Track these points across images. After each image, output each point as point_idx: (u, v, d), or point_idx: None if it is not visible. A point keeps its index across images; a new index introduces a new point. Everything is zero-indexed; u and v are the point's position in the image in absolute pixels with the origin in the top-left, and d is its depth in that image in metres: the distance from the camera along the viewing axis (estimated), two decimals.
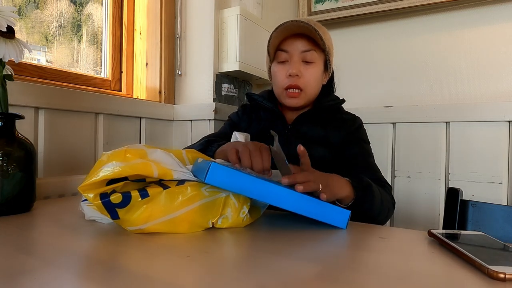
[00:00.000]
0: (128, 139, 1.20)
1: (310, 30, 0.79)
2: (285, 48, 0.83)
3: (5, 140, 0.62)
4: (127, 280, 0.34)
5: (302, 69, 0.82)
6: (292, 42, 0.82)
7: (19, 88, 0.85)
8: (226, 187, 0.50)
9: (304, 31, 0.81)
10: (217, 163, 0.50)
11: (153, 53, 1.36)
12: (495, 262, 0.38)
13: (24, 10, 1.07)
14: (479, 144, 1.14)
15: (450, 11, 1.23)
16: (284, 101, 0.86)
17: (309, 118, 0.87)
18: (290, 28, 0.80)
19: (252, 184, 0.51)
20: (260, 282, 0.34)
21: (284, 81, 0.83)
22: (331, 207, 0.57)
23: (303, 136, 0.86)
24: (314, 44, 0.82)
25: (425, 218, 1.21)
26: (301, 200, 0.54)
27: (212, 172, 0.49)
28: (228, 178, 0.50)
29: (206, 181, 0.48)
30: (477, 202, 0.79)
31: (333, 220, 0.56)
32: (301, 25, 0.78)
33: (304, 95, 0.84)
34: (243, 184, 0.51)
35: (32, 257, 0.40)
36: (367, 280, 0.35)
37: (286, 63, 0.84)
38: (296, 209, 0.54)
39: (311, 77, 0.83)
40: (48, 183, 0.85)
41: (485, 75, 1.18)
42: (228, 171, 0.50)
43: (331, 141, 0.85)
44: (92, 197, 0.48)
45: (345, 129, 0.87)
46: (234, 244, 0.48)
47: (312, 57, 0.82)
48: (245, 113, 0.97)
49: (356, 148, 0.85)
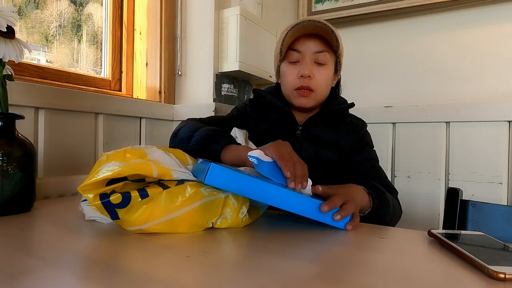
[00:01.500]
0: (128, 139, 1.20)
1: (327, 31, 0.77)
2: (298, 48, 0.81)
3: (5, 140, 0.62)
4: (127, 280, 0.34)
5: (314, 71, 0.80)
6: (304, 42, 0.80)
7: (19, 88, 0.85)
8: (226, 188, 0.50)
9: (319, 32, 0.78)
10: (217, 164, 0.49)
11: (153, 53, 1.36)
12: (495, 262, 0.38)
13: (24, 10, 1.07)
14: (479, 144, 1.14)
15: (450, 11, 1.23)
16: (294, 101, 0.84)
17: (320, 121, 0.86)
18: (306, 28, 0.78)
19: (253, 185, 0.51)
20: (260, 282, 0.34)
21: (296, 81, 0.81)
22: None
23: (315, 139, 0.84)
24: (327, 45, 0.80)
25: (425, 218, 1.21)
26: (301, 201, 0.54)
27: (212, 173, 0.48)
28: (228, 179, 0.49)
29: (205, 182, 0.48)
30: (477, 202, 0.79)
31: (332, 220, 0.56)
32: (318, 25, 0.76)
33: (315, 96, 0.82)
34: (243, 185, 0.50)
35: (32, 257, 0.40)
36: (367, 280, 0.35)
37: (298, 64, 0.81)
38: (296, 210, 0.54)
39: (323, 79, 0.81)
40: (48, 183, 0.85)
41: (485, 75, 1.18)
42: (228, 172, 0.49)
43: (341, 145, 0.84)
44: (91, 198, 0.48)
45: (354, 134, 0.86)
46: (234, 244, 0.48)
47: (324, 58, 0.80)
48: (254, 110, 0.92)
49: (365, 154, 0.85)
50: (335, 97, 0.90)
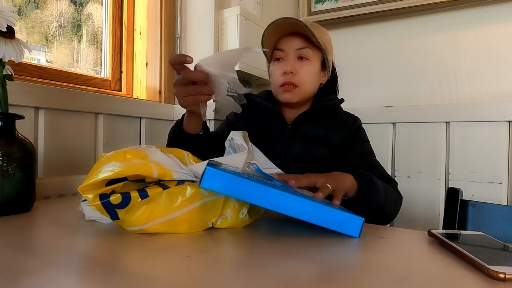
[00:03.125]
0: (128, 139, 1.20)
1: (301, 27, 0.80)
2: (281, 47, 0.84)
3: (5, 140, 0.62)
4: (127, 280, 0.34)
5: (297, 66, 0.83)
6: (286, 40, 0.84)
7: (19, 88, 0.85)
8: (224, 192, 0.48)
9: (295, 28, 0.82)
10: (213, 167, 0.47)
11: (153, 53, 1.36)
12: (495, 262, 0.38)
13: (24, 10, 1.07)
14: (479, 144, 1.14)
15: (450, 11, 1.23)
16: (280, 97, 0.86)
17: (309, 118, 0.87)
18: (282, 26, 0.81)
19: (252, 190, 0.48)
20: (260, 282, 0.34)
21: (280, 78, 0.84)
22: (341, 213, 0.52)
23: (304, 136, 0.86)
24: (309, 42, 0.83)
25: (425, 218, 1.21)
26: (307, 207, 0.50)
27: (208, 176, 0.47)
28: (226, 183, 0.47)
29: (201, 186, 0.47)
30: (477, 202, 0.79)
31: (343, 227, 0.51)
32: (291, 21, 0.79)
33: (299, 92, 0.84)
34: (242, 190, 0.48)
35: (32, 257, 0.40)
36: (367, 280, 0.35)
37: (282, 61, 0.85)
38: (302, 216, 0.50)
39: (306, 74, 0.84)
40: (48, 183, 0.85)
41: (485, 75, 1.18)
42: (224, 176, 0.47)
43: (332, 141, 0.85)
44: (91, 198, 0.48)
45: (345, 129, 0.87)
46: (234, 244, 0.48)
47: (307, 54, 0.83)
48: (244, 113, 0.95)
49: (358, 149, 0.85)
50: (326, 95, 0.91)
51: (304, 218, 0.50)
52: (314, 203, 0.50)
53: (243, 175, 0.50)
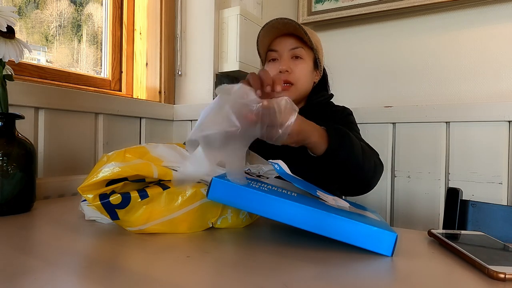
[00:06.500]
0: (128, 139, 1.20)
1: (294, 27, 0.82)
2: (275, 48, 0.87)
3: (5, 140, 0.62)
4: (127, 280, 0.34)
5: (292, 65, 0.85)
6: (280, 41, 0.87)
7: (19, 88, 0.85)
8: (233, 204, 0.46)
9: (288, 29, 0.84)
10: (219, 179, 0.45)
11: (153, 53, 1.36)
12: (495, 262, 0.38)
13: (24, 10, 1.07)
14: (479, 144, 1.14)
15: (450, 11, 1.23)
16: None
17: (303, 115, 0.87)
18: (276, 27, 0.84)
19: (261, 201, 0.45)
20: (260, 282, 0.34)
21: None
22: (368, 227, 0.44)
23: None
24: (302, 42, 0.86)
25: (425, 218, 1.21)
26: (328, 219, 0.44)
27: (214, 187, 0.45)
28: (233, 194, 0.45)
29: (208, 197, 0.46)
30: (477, 202, 0.79)
31: (372, 244, 0.44)
32: (285, 22, 0.82)
33: (295, 89, 0.86)
34: (250, 201, 0.45)
35: (32, 257, 0.40)
36: (367, 280, 0.35)
37: (277, 61, 0.87)
38: (322, 231, 0.45)
39: (301, 72, 0.86)
40: (48, 183, 0.85)
41: (485, 75, 1.18)
42: (231, 187, 0.45)
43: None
44: (91, 198, 0.48)
45: (334, 119, 0.88)
46: (234, 244, 0.48)
47: (300, 53, 0.86)
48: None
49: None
50: (317, 93, 0.93)
51: (324, 234, 0.45)
52: (335, 216, 0.44)
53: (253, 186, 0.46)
